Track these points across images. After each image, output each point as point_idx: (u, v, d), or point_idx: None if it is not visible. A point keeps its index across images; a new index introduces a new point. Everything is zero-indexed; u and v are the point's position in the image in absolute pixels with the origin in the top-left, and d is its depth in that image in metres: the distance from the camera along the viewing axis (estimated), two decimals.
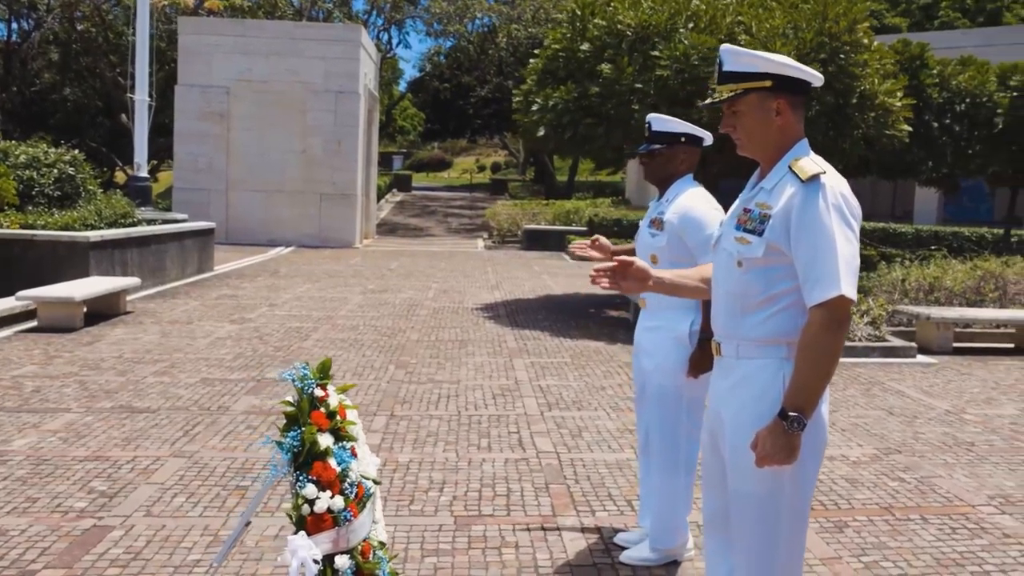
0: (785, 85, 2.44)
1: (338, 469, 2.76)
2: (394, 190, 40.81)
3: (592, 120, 10.19)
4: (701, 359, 3.60)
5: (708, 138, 3.84)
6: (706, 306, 3.55)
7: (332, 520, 2.67)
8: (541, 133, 10.61)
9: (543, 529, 4.17)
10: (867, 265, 12.89)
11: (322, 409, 2.86)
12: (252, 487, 4.61)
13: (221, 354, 8.09)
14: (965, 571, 3.81)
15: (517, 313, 11.50)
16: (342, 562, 2.68)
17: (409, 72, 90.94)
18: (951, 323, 9.42)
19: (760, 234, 2.39)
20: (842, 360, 8.61)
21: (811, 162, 2.40)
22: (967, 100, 13.56)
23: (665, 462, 3.72)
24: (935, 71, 13.08)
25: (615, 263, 2.65)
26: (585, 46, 10.29)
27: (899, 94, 10.48)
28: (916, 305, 10.34)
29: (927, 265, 12.04)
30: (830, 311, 2.28)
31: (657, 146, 3.75)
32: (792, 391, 2.32)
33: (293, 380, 2.88)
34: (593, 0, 10.91)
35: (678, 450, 3.72)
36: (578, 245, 3.84)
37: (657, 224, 3.70)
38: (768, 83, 2.43)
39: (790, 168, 2.41)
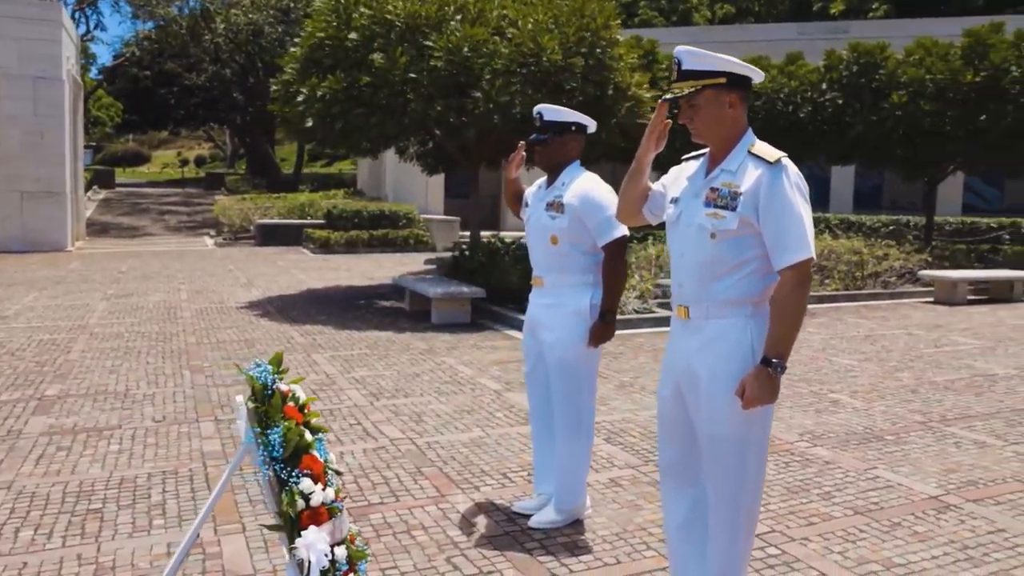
0: (736, 82, 2.74)
1: (323, 461, 2.70)
2: (95, 187, 37.51)
3: (363, 110, 10.15)
4: (604, 331, 3.86)
5: (593, 126, 4.09)
6: (604, 285, 3.85)
7: (327, 512, 2.61)
8: (309, 124, 10.38)
9: (440, 509, 4.23)
10: None
11: (291, 403, 2.77)
12: (105, 508, 4.23)
13: None
14: (812, 493, 4.40)
15: (287, 309, 11.19)
16: (340, 553, 2.63)
17: (105, 57, 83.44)
18: None
19: (734, 209, 2.68)
20: (619, 332, 9.35)
21: (769, 147, 2.72)
22: None
23: (569, 428, 3.94)
24: (664, 65, 14.37)
25: None
26: (353, 35, 10.20)
27: (646, 85, 11.45)
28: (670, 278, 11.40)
29: None
30: (799, 271, 2.62)
31: (548, 135, 3.94)
32: (772, 341, 2.63)
33: (257, 376, 2.76)
34: None
35: (581, 417, 3.95)
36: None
37: (556, 207, 3.89)
38: (723, 80, 2.72)
39: (751, 152, 2.71)
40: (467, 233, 22.83)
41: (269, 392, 2.77)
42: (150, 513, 4.17)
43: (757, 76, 2.79)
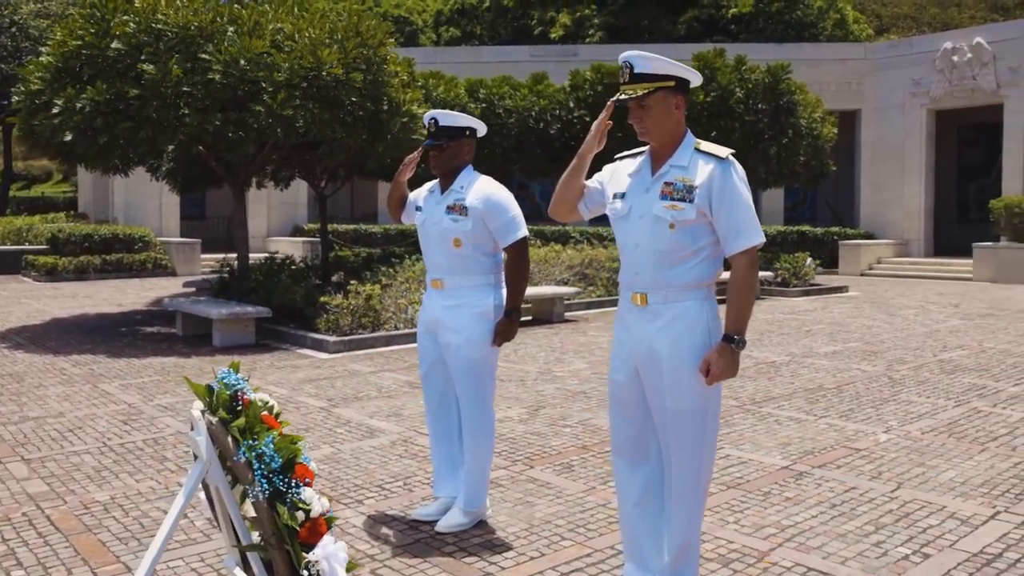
0: (681, 85, 2.95)
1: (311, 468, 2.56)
2: None
3: (131, 124, 9.42)
4: (509, 329, 3.92)
5: (483, 129, 4.15)
6: (509, 285, 3.93)
7: (325, 523, 2.48)
8: (68, 138, 9.46)
9: (337, 527, 4.07)
10: (386, 262, 13.88)
11: (265, 411, 2.61)
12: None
13: None
14: None
15: (41, 340, 10.10)
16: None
17: None
18: None
19: (691, 201, 2.88)
20: (415, 345, 9.39)
21: (715, 146, 2.96)
22: (444, 109, 15.38)
23: (476, 428, 3.95)
24: (420, 83, 14.58)
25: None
26: (116, 44, 9.43)
27: (418, 101, 11.58)
28: None
29: None
30: (750, 255, 2.88)
31: (443, 140, 3.95)
32: (731, 320, 2.86)
33: (227, 385, 2.57)
34: None
35: (486, 415, 3.98)
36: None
37: (459, 210, 3.89)
38: (672, 83, 2.91)
39: (699, 149, 2.93)
40: (208, 256, 21.80)
41: (238, 403, 2.58)
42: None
43: (697, 80, 3.02)
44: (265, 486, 2.39)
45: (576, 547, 3.77)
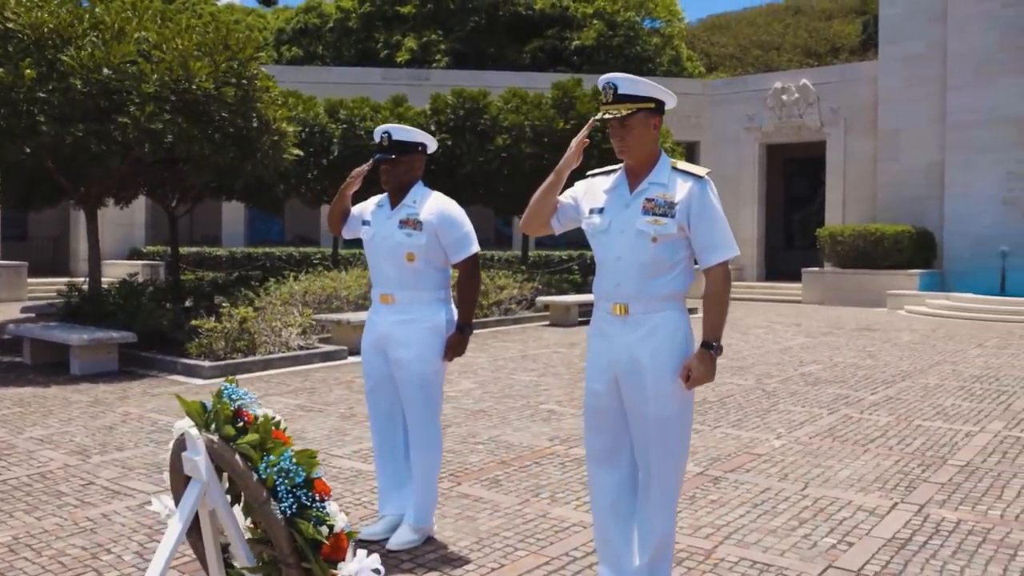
0: (660, 106, 3.10)
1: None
2: None
3: None
4: (460, 344, 3.95)
5: (434, 145, 4.17)
6: (461, 300, 3.96)
7: (347, 538, 2.44)
8: None
9: None
10: (245, 284, 13.45)
11: (273, 427, 2.55)
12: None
13: None
14: None
15: None
16: None
17: None
18: (364, 325, 10.68)
19: (673, 216, 3.03)
20: (293, 369, 9.21)
21: (692, 165, 3.13)
22: (304, 130, 15.11)
23: (426, 443, 3.94)
24: (280, 102, 14.26)
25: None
26: None
27: (287, 119, 11.34)
28: (318, 313, 11.34)
29: (303, 279, 13.08)
30: (725, 267, 3.08)
31: (396, 155, 3.95)
32: (709, 328, 3.04)
33: (232, 400, 2.50)
34: None
35: (435, 430, 3.98)
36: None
37: (413, 224, 3.88)
38: (652, 105, 3.06)
39: (677, 168, 3.10)
40: (36, 280, 20.32)
41: (241, 420, 2.50)
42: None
43: (673, 102, 3.18)
44: (291, 502, 2.32)
45: (532, 556, 3.83)
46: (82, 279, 12.83)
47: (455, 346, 3.95)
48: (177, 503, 2.78)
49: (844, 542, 4.02)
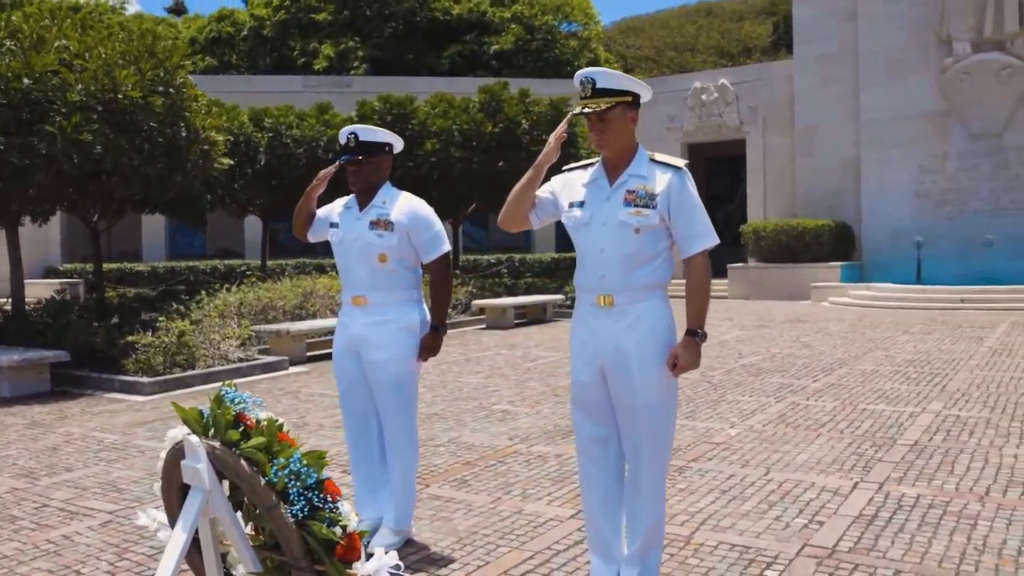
0: (636, 100, 3.15)
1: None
2: None
3: None
4: (434, 344, 3.93)
5: (400, 145, 4.15)
6: (435, 300, 3.95)
7: (359, 538, 2.42)
8: None
9: None
10: (174, 298, 13.13)
11: (277, 430, 2.51)
12: None
13: None
14: (573, 478, 4.90)
15: None
16: None
17: None
18: (303, 334, 10.55)
19: (654, 207, 3.09)
20: (239, 381, 9.01)
21: (669, 156, 3.19)
22: (230, 139, 14.79)
23: (402, 445, 3.92)
24: (206, 111, 13.96)
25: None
26: None
27: (217, 128, 11.11)
28: (255, 324, 11.13)
29: (248, 290, 12.81)
30: (706, 256, 3.14)
31: (363, 156, 3.91)
32: (693, 315, 3.10)
33: (233, 404, 2.45)
34: None
35: (412, 431, 3.95)
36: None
37: (384, 225, 3.85)
38: (630, 98, 3.12)
39: (654, 160, 3.15)
40: None
41: (242, 424, 2.46)
42: None
43: (649, 95, 3.24)
44: (303, 504, 2.29)
45: (516, 552, 3.84)
46: (3, 299, 12.34)
47: (430, 347, 3.94)
48: (171, 514, 2.71)
49: (815, 522, 4.14)
